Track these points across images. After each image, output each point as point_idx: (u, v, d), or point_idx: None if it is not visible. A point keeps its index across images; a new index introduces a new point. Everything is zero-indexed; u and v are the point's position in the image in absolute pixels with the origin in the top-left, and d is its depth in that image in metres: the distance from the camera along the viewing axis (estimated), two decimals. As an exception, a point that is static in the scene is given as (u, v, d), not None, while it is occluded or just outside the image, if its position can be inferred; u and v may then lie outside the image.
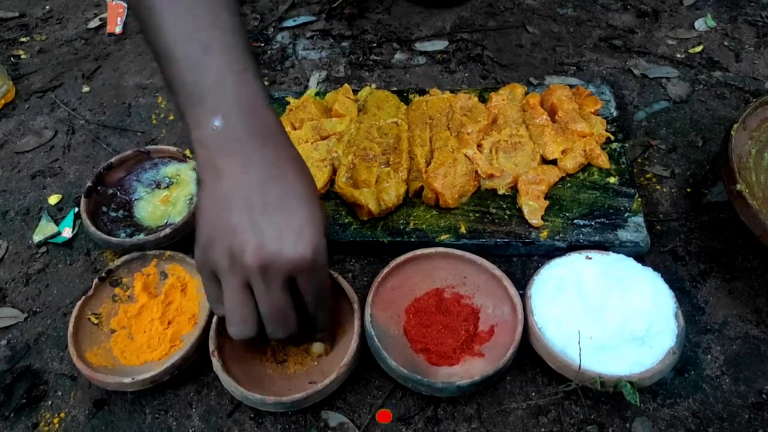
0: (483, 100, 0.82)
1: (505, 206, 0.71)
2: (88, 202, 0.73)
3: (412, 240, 0.69)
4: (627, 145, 0.77)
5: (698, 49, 0.94)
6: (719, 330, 0.63)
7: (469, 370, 0.59)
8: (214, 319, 0.60)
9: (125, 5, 1.12)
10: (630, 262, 0.62)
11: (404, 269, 0.65)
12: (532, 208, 0.69)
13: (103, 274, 0.66)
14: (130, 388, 0.58)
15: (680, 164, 0.77)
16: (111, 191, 0.76)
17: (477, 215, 0.70)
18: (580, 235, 0.67)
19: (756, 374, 0.59)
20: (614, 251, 0.65)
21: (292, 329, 0.51)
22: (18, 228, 0.78)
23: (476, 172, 0.72)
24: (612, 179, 0.72)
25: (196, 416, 0.60)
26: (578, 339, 0.56)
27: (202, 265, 0.50)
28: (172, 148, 0.78)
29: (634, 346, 0.56)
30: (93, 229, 0.70)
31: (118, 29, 1.08)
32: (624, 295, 0.59)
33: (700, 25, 0.98)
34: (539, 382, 0.60)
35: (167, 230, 0.69)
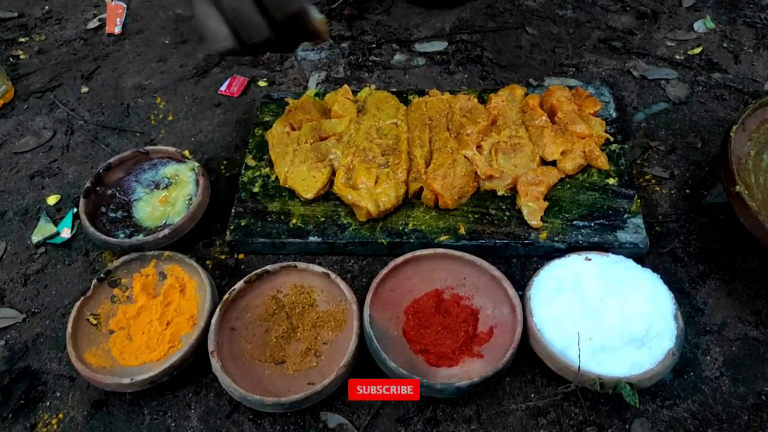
0: (482, 101, 0.82)
1: (504, 207, 0.71)
2: (86, 203, 0.72)
3: (411, 241, 0.69)
4: (626, 146, 0.77)
5: (697, 50, 0.94)
6: (718, 331, 0.63)
7: (468, 371, 0.59)
8: (214, 320, 0.60)
9: (124, 6, 1.12)
10: (629, 264, 0.62)
11: (403, 270, 0.65)
12: (532, 210, 0.68)
13: (102, 275, 0.66)
14: (129, 389, 0.58)
15: (679, 165, 0.77)
16: (110, 192, 0.76)
17: (476, 216, 0.70)
18: (580, 236, 0.67)
19: (755, 375, 0.59)
20: (613, 252, 0.65)
21: (263, 32, 0.50)
22: (16, 228, 0.78)
23: (475, 173, 0.72)
24: (611, 180, 0.72)
25: (195, 417, 0.60)
26: (578, 340, 0.56)
27: None
28: (171, 149, 0.78)
29: (633, 347, 0.56)
30: (92, 229, 0.70)
31: (117, 30, 1.08)
32: (623, 297, 0.59)
33: (699, 26, 0.98)
34: (538, 384, 0.60)
35: (166, 231, 0.69)
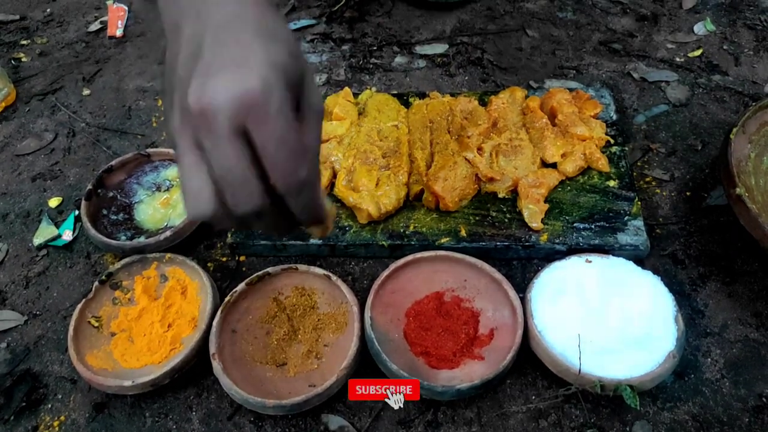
0: (483, 103, 0.82)
1: (505, 209, 0.71)
2: (88, 205, 0.73)
3: (412, 243, 0.69)
4: (626, 148, 0.77)
5: (698, 52, 0.94)
6: (719, 333, 0.63)
7: (469, 373, 0.59)
8: (215, 322, 0.60)
9: (126, 8, 1.12)
10: (630, 266, 0.62)
11: (404, 272, 0.65)
12: (532, 212, 0.69)
13: (104, 277, 0.66)
14: (130, 391, 0.58)
15: (680, 168, 0.78)
16: (111, 194, 0.76)
17: (477, 218, 0.70)
18: (580, 238, 0.67)
19: (756, 378, 0.59)
20: (614, 254, 0.65)
21: (256, 200, 0.38)
22: (18, 231, 0.78)
23: (476, 175, 0.72)
24: (612, 183, 0.72)
25: (196, 419, 0.60)
26: (578, 342, 0.56)
27: (168, 136, 0.44)
28: (173, 151, 0.78)
29: (634, 349, 0.56)
30: (93, 231, 0.70)
31: (118, 32, 1.08)
32: (624, 299, 0.59)
33: (699, 29, 0.98)
34: (539, 386, 0.60)
35: (167, 233, 0.69)
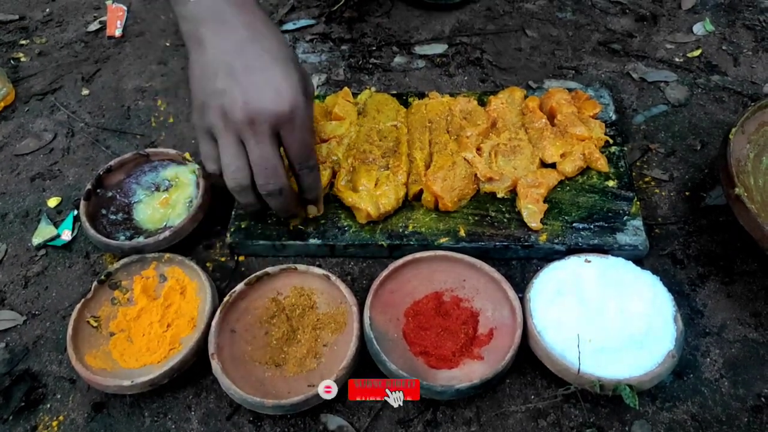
0: (482, 103, 0.82)
1: (504, 209, 0.71)
2: (87, 205, 0.73)
3: (411, 243, 0.69)
4: (626, 148, 0.77)
5: (697, 53, 0.94)
6: (718, 333, 0.63)
7: (468, 373, 0.59)
8: (214, 322, 0.60)
9: (125, 8, 1.12)
10: (629, 266, 0.62)
11: (403, 272, 0.65)
12: (531, 212, 0.69)
13: (103, 277, 0.66)
14: (129, 391, 0.58)
15: (679, 168, 0.78)
16: (110, 194, 0.76)
17: (476, 218, 0.70)
18: (579, 238, 0.67)
19: (755, 377, 0.59)
20: (613, 254, 0.65)
21: (281, 182, 0.59)
22: (17, 231, 0.78)
23: (475, 175, 0.72)
24: (611, 183, 0.72)
25: (195, 419, 0.60)
26: (577, 342, 0.56)
27: (198, 127, 0.59)
28: (172, 151, 0.78)
29: (633, 349, 0.56)
30: (92, 231, 0.70)
31: (117, 32, 1.08)
32: (623, 299, 0.59)
33: (698, 29, 0.98)
34: (539, 386, 0.60)
35: (166, 233, 0.69)
